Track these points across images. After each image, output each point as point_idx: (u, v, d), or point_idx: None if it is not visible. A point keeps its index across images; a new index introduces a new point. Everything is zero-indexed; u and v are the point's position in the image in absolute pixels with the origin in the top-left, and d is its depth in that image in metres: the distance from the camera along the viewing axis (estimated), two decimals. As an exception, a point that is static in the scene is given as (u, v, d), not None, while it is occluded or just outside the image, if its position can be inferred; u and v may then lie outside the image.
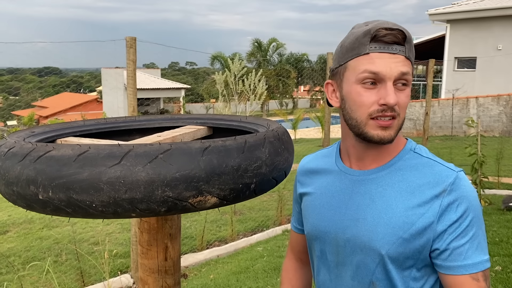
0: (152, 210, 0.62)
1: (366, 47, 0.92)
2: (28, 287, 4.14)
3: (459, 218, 0.90)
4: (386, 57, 0.91)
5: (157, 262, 0.84)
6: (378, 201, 0.96)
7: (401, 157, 1.00)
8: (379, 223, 0.94)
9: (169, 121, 1.10)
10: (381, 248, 0.93)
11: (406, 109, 0.96)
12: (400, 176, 0.97)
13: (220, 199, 0.65)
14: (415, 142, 1.08)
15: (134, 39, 4.05)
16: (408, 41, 0.93)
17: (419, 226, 0.91)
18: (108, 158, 0.60)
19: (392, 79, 0.90)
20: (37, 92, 39.81)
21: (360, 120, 0.94)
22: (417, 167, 0.97)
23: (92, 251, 4.94)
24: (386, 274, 0.95)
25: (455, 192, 0.91)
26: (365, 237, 0.96)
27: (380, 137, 0.93)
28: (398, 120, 0.94)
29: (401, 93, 0.93)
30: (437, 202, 0.91)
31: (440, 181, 0.93)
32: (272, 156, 0.71)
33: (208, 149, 0.64)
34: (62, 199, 0.61)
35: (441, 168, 0.96)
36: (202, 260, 4.82)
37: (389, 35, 0.91)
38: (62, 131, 0.96)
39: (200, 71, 56.89)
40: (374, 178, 0.99)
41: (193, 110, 34.45)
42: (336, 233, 1.01)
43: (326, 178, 1.08)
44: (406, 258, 0.93)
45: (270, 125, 0.86)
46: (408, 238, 0.92)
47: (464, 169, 1.23)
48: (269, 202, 6.91)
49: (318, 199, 1.07)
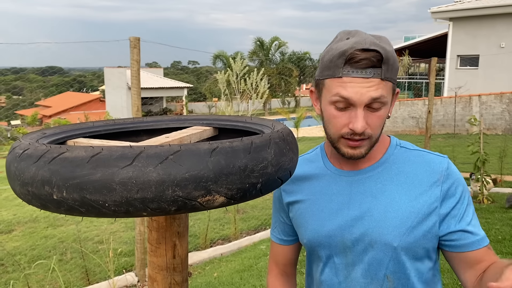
0: (162, 209, 0.64)
1: (340, 70, 0.91)
2: (34, 286, 4.18)
3: (459, 200, 0.98)
4: (358, 82, 0.90)
5: (166, 259, 0.86)
6: (381, 196, 0.99)
7: (391, 153, 1.04)
8: (387, 217, 0.97)
9: (176, 122, 1.13)
10: (393, 240, 0.96)
11: (381, 126, 0.97)
12: (395, 170, 1.01)
13: (228, 199, 0.67)
14: (417, 139, 1.13)
15: (138, 39, 4.08)
16: (386, 61, 0.90)
17: (425, 213, 0.97)
18: (121, 159, 0.62)
19: (362, 105, 0.91)
20: (40, 92, 39.90)
21: (333, 137, 0.99)
22: (410, 159, 1.03)
23: (97, 249, 4.97)
24: (400, 266, 0.98)
25: (451, 176, 0.99)
26: (375, 233, 0.98)
27: (350, 154, 0.97)
28: (370, 140, 0.97)
29: (373, 115, 0.94)
30: (437, 188, 0.98)
31: (435, 168, 1.00)
32: (278, 157, 0.74)
33: (216, 150, 0.66)
34: (76, 199, 0.64)
35: (432, 157, 1.02)
36: (206, 258, 4.85)
37: (363, 60, 0.89)
38: (72, 132, 0.98)
39: (203, 70, 56.92)
40: (371, 176, 1.02)
41: (196, 109, 34.48)
42: (342, 235, 1.01)
43: (319, 183, 1.08)
44: (417, 247, 0.98)
45: (275, 126, 0.88)
46: (416, 226, 0.97)
47: (467, 167, 1.24)
48: (272, 201, 6.94)
49: (314, 204, 1.07)
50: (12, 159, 0.72)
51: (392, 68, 0.93)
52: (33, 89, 40.31)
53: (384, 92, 0.92)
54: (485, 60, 17.00)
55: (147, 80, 29.02)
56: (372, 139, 0.96)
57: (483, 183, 5.99)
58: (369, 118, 0.93)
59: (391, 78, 0.93)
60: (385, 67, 0.90)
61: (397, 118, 15.79)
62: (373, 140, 0.97)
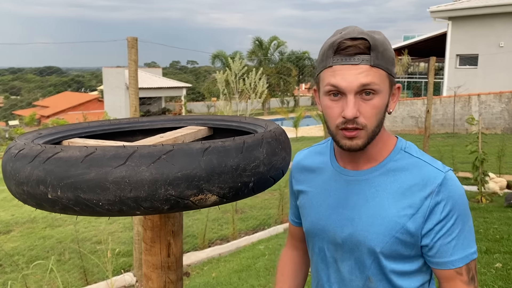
0: (155, 208, 0.65)
1: (330, 60, 0.94)
2: (32, 286, 4.19)
3: (444, 218, 0.97)
4: (346, 69, 0.92)
5: (160, 258, 0.87)
6: (372, 201, 1.01)
7: (392, 157, 1.04)
8: (373, 223, 1.00)
9: (171, 122, 1.14)
10: (376, 246, 0.99)
11: (377, 118, 0.97)
12: (392, 177, 1.02)
13: (220, 197, 0.68)
14: (416, 139, 1.13)
15: (136, 39, 4.08)
16: (374, 48, 0.92)
17: (410, 226, 0.98)
18: (114, 159, 0.64)
19: (352, 92, 0.92)
20: (38, 92, 39.87)
21: (332, 130, 0.99)
22: (408, 168, 1.02)
23: (95, 250, 4.98)
24: (381, 270, 1.02)
25: (442, 193, 0.97)
26: (360, 236, 1.01)
27: (347, 146, 0.97)
28: (366, 131, 0.96)
29: (366, 104, 0.94)
30: (426, 203, 0.97)
31: (429, 182, 0.98)
32: (270, 156, 0.75)
33: (208, 150, 0.67)
34: (70, 198, 0.65)
35: (430, 169, 1.00)
36: (204, 259, 4.86)
37: (350, 47, 0.92)
38: (68, 133, 0.99)
39: (202, 69, 56.93)
40: (367, 179, 1.03)
41: (195, 109, 34.47)
42: (334, 231, 1.06)
43: (322, 177, 1.12)
44: (398, 255, 1.00)
45: (268, 125, 0.89)
46: (400, 237, 0.98)
47: (465, 166, 1.24)
48: (271, 201, 6.95)
49: (315, 198, 1.11)
50: (8, 159, 0.73)
51: (383, 56, 0.93)
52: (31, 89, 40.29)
53: (375, 79, 0.92)
54: (484, 59, 17.02)
55: (145, 80, 29.01)
56: (367, 130, 0.96)
57: (482, 182, 6.00)
58: (361, 106, 0.94)
59: (383, 66, 0.94)
60: (374, 54, 0.92)
61: (396, 117, 15.81)
62: (369, 131, 0.96)
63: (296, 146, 14.61)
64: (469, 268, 0.99)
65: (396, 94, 1.03)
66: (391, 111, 1.01)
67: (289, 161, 0.82)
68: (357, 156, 1.04)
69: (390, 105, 1.01)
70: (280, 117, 23.49)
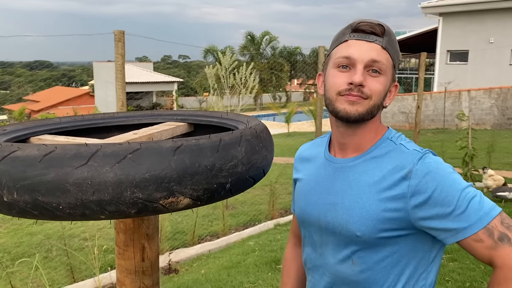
0: (121, 212, 0.59)
1: (346, 36, 1.02)
2: (18, 284, 4.11)
3: (430, 197, 0.95)
4: (362, 44, 1.00)
5: (134, 262, 0.82)
6: (354, 186, 1.04)
7: (378, 145, 1.07)
8: (355, 207, 1.02)
9: (149, 118, 1.08)
10: (357, 230, 1.01)
11: (380, 96, 1.01)
12: (374, 163, 1.05)
13: (194, 200, 0.63)
14: (406, 134, 1.14)
15: (123, 33, 4.00)
16: (387, 34, 1.01)
17: (391, 207, 0.98)
18: (75, 159, 0.58)
19: (362, 63, 0.98)
20: (28, 86, 39.40)
21: (331, 98, 1.03)
22: (389, 154, 1.05)
23: (83, 246, 4.91)
24: (364, 252, 1.03)
25: (421, 172, 0.96)
26: (342, 220, 1.04)
27: (346, 111, 1.00)
28: (369, 101, 1.00)
29: (373, 79, 1.00)
30: (405, 183, 0.97)
31: (406, 163, 0.99)
32: (249, 155, 0.70)
33: (180, 148, 0.62)
34: (27, 201, 0.59)
35: (407, 152, 1.02)
36: (194, 255, 4.81)
37: (367, 25, 1.00)
38: (37, 129, 0.93)
39: (193, 64, 56.60)
40: (352, 166, 1.07)
41: (186, 103, 34.32)
42: (318, 216, 1.10)
43: (314, 165, 1.17)
44: (381, 239, 1.01)
45: (249, 121, 0.84)
46: (382, 219, 0.99)
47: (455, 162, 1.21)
48: (261, 196, 6.91)
49: (306, 184, 1.17)
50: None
51: (393, 44, 1.02)
52: (21, 83, 39.81)
53: (383, 60, 1.00)
54: (475, 55, 17.10)
55: (136, 74, 28.77)
56: (370, 101, 1.00)
57: (472, 178, 6.02)
58: (368, 79, 0.99)
59: (391, 52, 1.01)
60: (386, 39, 1.01)
61: (386, 113, 15.84)
62: (371, 104, 1.00)
63: (287, 142, 14.54)
64: (489, 230, 0.92)
65: (393, 91, 1.08)
66: (387, 105, 1.06)
67: (271, 159, 0.77)
68: (346, 143, 1.08)
69: (386, 100, 1.06)
70: (272, 113, 23.45)
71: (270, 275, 3.88)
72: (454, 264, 3.70)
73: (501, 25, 16.49)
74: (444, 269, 3.62)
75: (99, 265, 4.09)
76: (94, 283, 4.00)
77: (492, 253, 0.92)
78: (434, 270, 1.08)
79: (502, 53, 16.48)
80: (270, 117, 24.70)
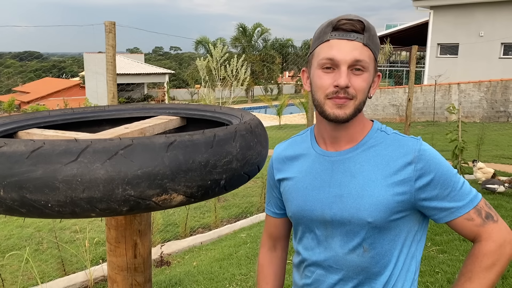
0: (113, 209, 0.58)
1: (327, 35, 1.04)
2: (8, 277, 4.07)
3: (433, 178, 1.03)
4: (343, 44, 1.02)
5: (126, 259, 0.80)
6: (359, 176, 1.07)
7: (371, 136, 1.11)
8: (363, 195, 1.05)
9: (140, 111, 1.05)
10: (368, 216, 1.05)
11: (365, 93, 1.05)
12: (373, 152, 1.09)
13: (187, 197, 0.61)
14: (397, 127, 1.15)
15: (113, 24, 3.93)
16: (368, 30, 1.03)
17: (399, 191, 1.04)
18: (64, 155, 0.56)
19: (346, 64, 1.01)
20: (17, 77, 38.84)
21: (319, 100, 1.05)
22: (387, 142, 1.10)
23: (74, 239, 4.87)
24: (374, 238, 1.07)
25: (424, 157, 1.05)
26: (352, 209, 1.06)
27: (335, 114, 1.04)
28: (355, 101, 1.04)
29: (357, 78, 1.03)
30: (411, 167, 1.04)
31: (408, 149, 1.06)
32: (244, 150, 0.68)
33: (174, 144, 0.60)
34: (14, 198, 0.57)
35: (406, 139, 1.09)
36: (186, 247, 4.80)
37: (347, 23, 1.02)
38: (25, 123, 0.90)
39: (185, 56, 56.21)
40: (351, 157, 1.10)
41: (178, 95, 34.10)
42: (322, 210, 1.10)
43: (305, 162, 1.17)
44: (390, 221, 1.06)
45: (244, 116, 0.82)
46: (391, 204, 1.04)
47: (446, 154, 1.24)
48: (253, 189, 6.91)
49: (300, 182, 1.16)
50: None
51: (373, 39, 1.04)
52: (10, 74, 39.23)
53: (366, 58, 1.02)
54: (465, 48, 17.18)
55: (127, 66, 28.50)
56: (356, 101, 1.03)
57: (461, 170, 6.06)
58: (352, 79, 1.02)
59: (372, 48, 1.04)
60: (367, 35, 1.03)
61: (377, 105, 15.89)
62: (357, 103, 1.04)
63: (279, 134, 14.49)
64: (478, 210, 1.05)
65: (376, 81, 1.12)
66: (371, 95, 1.10)
67: (265, 155, 0.76)
68: (339, 137, 1.11)
69: (370, 91, 1.09)
70: (264, 105, 23.40)
71: (262, 268, 3.88)
72: (444, 256, 3.74)
73: (491, 19, 16.57)
74: (434, 260, 3.66)
75: (90, 257, 4.06)
76: (86, 276, 3.98)
77: (480, 229, 1.05)
78: (421, 248, 1.16)
79: (492, 47, 16.58)
80: (261, 110, 24.65)
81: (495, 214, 1.08)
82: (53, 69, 44.52)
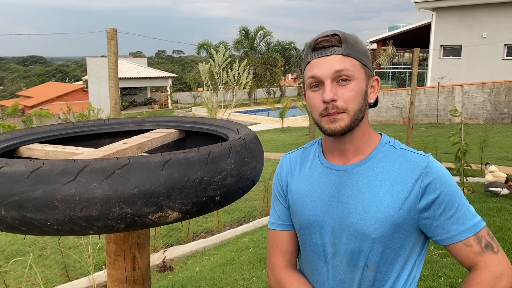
0: (110, 227, 0.59)
1: (309, 57, 1.08)
2: (12, 283, 4.10)
3: (438, 196, 1.03)
4: (323, 60, 1.04)
5: (125, 272, 0.82)
6: (366, 191, 1.07)
7: (379, 150, 1.11)
8: (370, 211, 1.05)
9: (140, 125, 1.07)
10: (373, 233, 1.04)
11: (356, 101, 1.05)
12: (381, 167, 1.08)
13: (183, 213, 0.63)
14: (400, 129, 1.16)
15: (115, 31, 3.96)
16: (345, 40, 1.04)
17: (405, 208, 1.04)
18: (63, 175, 0.58)
19: (328, 78, 1.03)
20: (22, 82, 39.05)
21: (316, 119, 1.08)
22: (395, 158, 1.10)
23: (77, 245, 4.89)
24: (378, 256, 1.07)
25: (431, 173, 1.04)
26: (358, 225, 1.06)
27: (331, 129, 1.05)
28: (347, 114, 1.04)
29: (343, 88, 1.04)
30: (417, 185, 1.04)
31: (416, 166, 1.06)
32: (238, 166, 0.70)
33: (169, 163, 0.62)
34: (15, 217, 0.59)
35: (414, 155, 1.09)
36: (188, 252, 4.81)
37: (323, 41, 1.05)
38: (26, 138, 0.92)
39: (187, 59, 56.37)
40: (358, 171, 1.09)
41: (181, 99, 34.18)
42: (332, 225, 1.10)
43: (312, 175, 1.16)
44: (394, 239, 1.05)
45: (239, 130, 0.84)
46: (397, 220, 1.04)
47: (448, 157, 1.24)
48: (256, 193, 6.91)
49: (308, 195, 1.15)
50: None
51: (354, 48, 1.05)
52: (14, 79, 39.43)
53: (347, 66, 1.03)
54: (468, 50, 17.14)
55: (131, 70, 28.62)
56: (349, 112, 1.04)
57: (464, 173, 6.05)
58: (338, 91, 1.03)
59: (355, 55, 1.05)
60: (345, 45, 1.04)
61: (381, 108, 15.87)
62: (351, 114, 1.04)
63: (281, 137, 14.48)
64: (478, 237, 1.03)
65: (376, 86, 1.12)
66: (372, 101, 1.10)
67: (260, 169, 0.77)
68: (345, 149, 1.11)
69: (370, 96, 1.10)
70: (266, 108, 23.42)
71: (264, 272, 3.89)
72: (447, 260, 3.73)
73: (494, 20, 16.53)
74: (436, 265, 3.65)
75: (93, 263, 4.08)
76: (89, 282, 4.00)
77: (477, 258, 1.04)
78: (422, 265, 1.15)
79: (495, 48, 16.54)
80: (264, 112, 24.68)
81: (496, 245, 1.05)
82: (57, 74, 44.71)
